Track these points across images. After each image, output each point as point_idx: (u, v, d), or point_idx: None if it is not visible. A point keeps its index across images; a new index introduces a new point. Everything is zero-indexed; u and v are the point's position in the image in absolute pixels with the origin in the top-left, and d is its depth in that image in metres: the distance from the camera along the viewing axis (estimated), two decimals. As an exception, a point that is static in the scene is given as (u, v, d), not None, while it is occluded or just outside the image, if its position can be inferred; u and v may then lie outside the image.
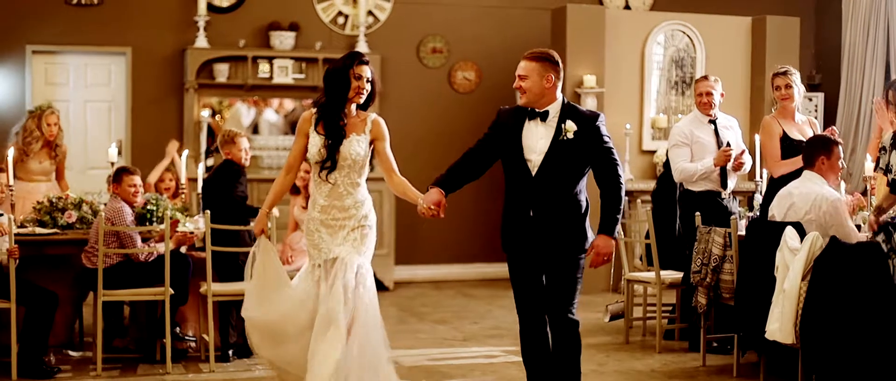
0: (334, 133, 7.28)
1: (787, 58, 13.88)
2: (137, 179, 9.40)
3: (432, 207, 6.87)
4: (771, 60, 13.68)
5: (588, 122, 6.90)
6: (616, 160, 6.92)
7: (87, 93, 14.56)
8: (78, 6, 14.18)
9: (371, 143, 7.41)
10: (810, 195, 8.36)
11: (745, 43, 14.68)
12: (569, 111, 6.97)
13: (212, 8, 14.44)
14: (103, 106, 14.63)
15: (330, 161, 7.28)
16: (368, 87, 7.36)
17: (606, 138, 6.93)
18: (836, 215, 8.24)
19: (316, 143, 7.29)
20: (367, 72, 7.35)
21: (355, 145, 7.30)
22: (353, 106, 7.38)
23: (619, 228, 7.10)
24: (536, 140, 6.89)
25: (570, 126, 6.84)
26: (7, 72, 14.04)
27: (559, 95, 6.98)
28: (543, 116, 6.91)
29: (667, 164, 11.44)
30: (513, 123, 6.98)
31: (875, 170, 9.19)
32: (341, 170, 7.31)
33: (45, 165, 10.92)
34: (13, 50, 14.04)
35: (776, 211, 8.56)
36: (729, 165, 9.87)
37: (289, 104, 15.09)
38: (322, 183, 7.35)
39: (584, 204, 6.96)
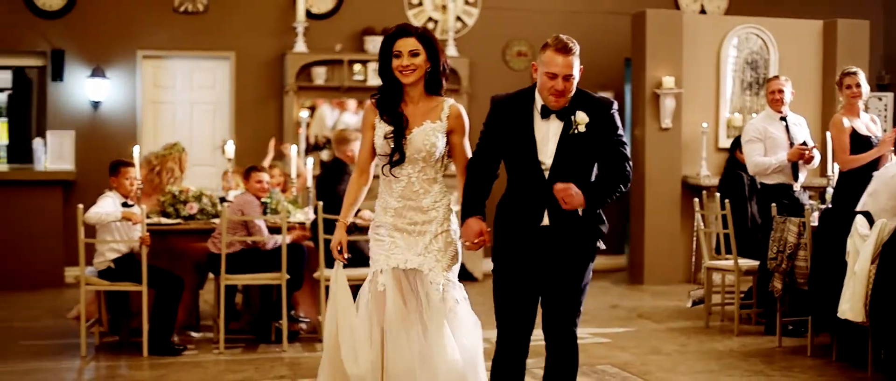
0: (395, 119, 6.22)
1: (857, 59, 14.20)
2: (265, 176, 10.21)
3: (476, 240, 5.96)
4: (841, 62, 13.83)
5: (602, 110, 5.95)
6: (627, 156, 6.03)
7: (192, 95, 15.21)
8: (185, 14, 14.86)
9: (448, 134, 6.30)
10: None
11: (817, 45, 14.93)
12: (580, 99, 5.98)
13: (310, 15, 15.05)
14: (208, 107, 15.29)
15: (397, 153, 6.20)
16: (418, 62, 6.22)
17: (619, 129, 6.01)
18: None
19: (381, 132, 6.24)
20: (408, 45, 6.21)
21: (430, 135, 6.21)
22: (419, 89, 6.29)
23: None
24: (548, 138, 5.94)
25: (582, 118, 5.87)
26: (119, 75, 14.73)
27: None
28: (561, 114, 5.94)
29: (729, 160, 12.11)
30: (520, 118, 6.01)
31: None
32: (414, 164, 6.22)
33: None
34: (125, 55, 14.74)
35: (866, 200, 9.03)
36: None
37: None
38: (392, 180, 6.28)
39: None
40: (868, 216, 8.62)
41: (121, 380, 8.75)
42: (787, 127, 10.64)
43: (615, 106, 6.05)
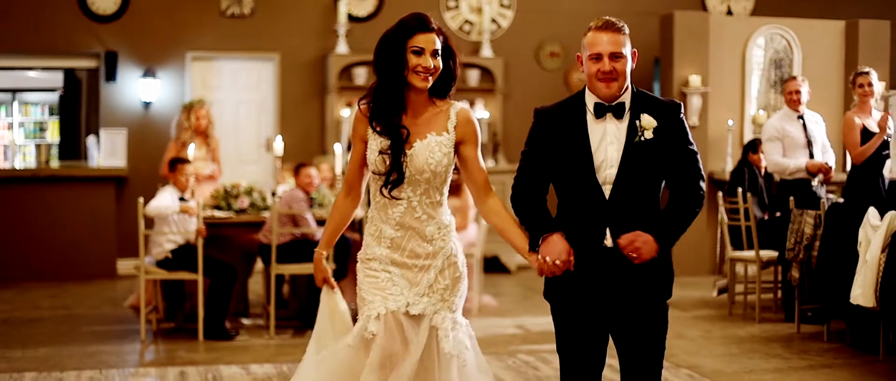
0: (393, 131, 5.02)
1: (879, 59, 14.62)
2: (313, 171, 10.78)
3: (563, 260, 4.91)
4: (863, 62, 14.24)
5: (669, 113, 5.01)
6: (701, 171, 5.07)
7: (239, 94, 15.69)
8: (232, 17, 15.37)
9: (456, 145, 5.13)
10: None
11: (839, 45, 15.27)
12: (642, 100, 5.05)
13: (351, 18, 15.51)
14: (253, 107, 15.77)
15: (396, 172, 5.02)
16: (439, 64, 5.02)
17: (690, 135, 5.08)
18: None
19: (375, 147, 5.05)
20: (432, 42, 5.00)
21: (435, 150, 5.05)
22: (425, 94, 5.09)
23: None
24: (606, 146, 4.98)
25: (649, 122, 4.93)
26: (170, 76, 15.27)
27: None
28: (618, 111, 5.00)
29: (740, 162, 12.59)
30: (570, 124, 5.05)
31: None
32: (415, 185, 5.05)
33: (202, 151, 12.09)
34: (175, 56, 15.28)
35: None
36: (816, 158, 10.95)
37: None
38: (389, 205, 5.08)
39: None
40: (878, 208, 9.13)
41: (180, 362, 9.28)
42: (804, 125, 11.09)
43: (682, 109, 5.09)
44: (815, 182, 10.97)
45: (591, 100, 5.04)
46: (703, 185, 5.07)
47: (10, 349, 9.74)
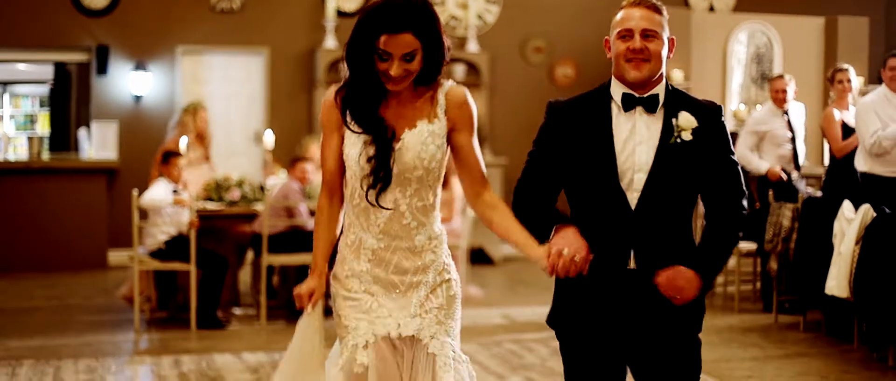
0: (375, 127, 4.21)
1: (857, 55, 14.89)
2: (308, 166, 10.99)
3: (587, 256, 4.08)
4: (842, 58, 14.50)
5: (710, 115, 4.29)
6: (743, 186, 4.37)
7: (229, 88, 15.81)
8: (221, 12, 15.52)
9: (448, 133, 4.30)
10: None
11: (818, 41, 15.53)
12: (678, 98, 4.32)
13: (339, 13, 15.61)
14: (243, 100, 15.91)
15: (383, 172, 4.21)
16: (414, 67, 4.14)
17: (731, 145, 4.35)
18: None
19: (356, 145, 4.23)
20: (401, 45, 4.09)
21: (428, 142, 4.23)
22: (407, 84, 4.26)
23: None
24: (634, 146, 4.24)
25: (687, 121, 4.21)
26: (160, 69, 15.39)
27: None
28: (650, 104, 4.26)
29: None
30: (592, 119, 4.32)
31: None
32: (405, 186, 4.24)
33: (198, 152, 12.26)
34: (165, 51, 15.40)
35: None
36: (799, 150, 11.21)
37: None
38: (372, 209, 4.26)
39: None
40: (853, 201, 9.38)
41: (174, 350, 9.50)
42: (788, 121, 11.34)
43: (723, 112, 4.41)
44: (794, 175, 11.20)
45: (617, 91, 4.33)
46: (745, 204, 4.36)
47: (7, 338, 9.96)
